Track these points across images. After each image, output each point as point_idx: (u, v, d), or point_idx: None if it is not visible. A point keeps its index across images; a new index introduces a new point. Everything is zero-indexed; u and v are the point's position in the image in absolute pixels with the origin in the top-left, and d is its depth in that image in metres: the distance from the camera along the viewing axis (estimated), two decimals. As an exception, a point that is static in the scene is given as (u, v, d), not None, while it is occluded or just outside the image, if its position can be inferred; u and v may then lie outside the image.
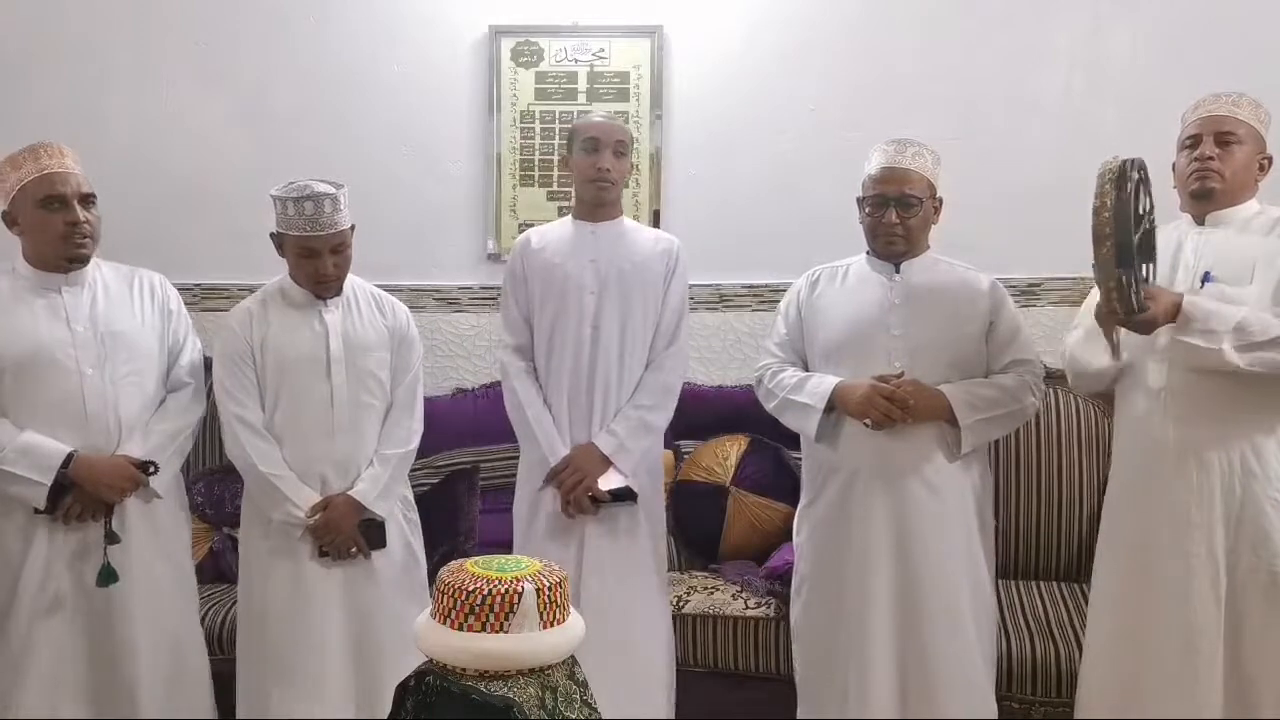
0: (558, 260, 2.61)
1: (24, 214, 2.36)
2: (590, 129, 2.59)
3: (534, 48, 3.49)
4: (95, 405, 2.37)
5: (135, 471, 2.38)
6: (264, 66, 3.54)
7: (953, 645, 2.39)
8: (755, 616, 2.86)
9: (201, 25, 3.54)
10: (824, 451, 2.49)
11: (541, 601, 1.57)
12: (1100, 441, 3.15)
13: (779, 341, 2.60)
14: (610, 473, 2.54)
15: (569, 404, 2.59)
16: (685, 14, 3.46)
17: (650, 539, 2.64)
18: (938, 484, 2.40)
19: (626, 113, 3.48)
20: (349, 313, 2.53)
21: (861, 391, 2.36)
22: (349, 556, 2.46)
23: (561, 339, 2.59)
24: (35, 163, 2.35)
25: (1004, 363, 2.46)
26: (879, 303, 2.47)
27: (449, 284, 3.54)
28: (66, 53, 3.55)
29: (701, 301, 3.52)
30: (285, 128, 3.54)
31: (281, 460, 2.46)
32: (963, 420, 2.36)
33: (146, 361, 2.47)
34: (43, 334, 2.36)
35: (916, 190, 2.42)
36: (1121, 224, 2.01)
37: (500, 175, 3.52)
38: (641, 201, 3.50)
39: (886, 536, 2.39)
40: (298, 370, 2.47)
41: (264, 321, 2.51)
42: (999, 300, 2.50)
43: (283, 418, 2.48)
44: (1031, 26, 3.38)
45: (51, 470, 2.30)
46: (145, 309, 2.50)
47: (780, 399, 2.52)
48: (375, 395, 2.53)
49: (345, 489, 2.47)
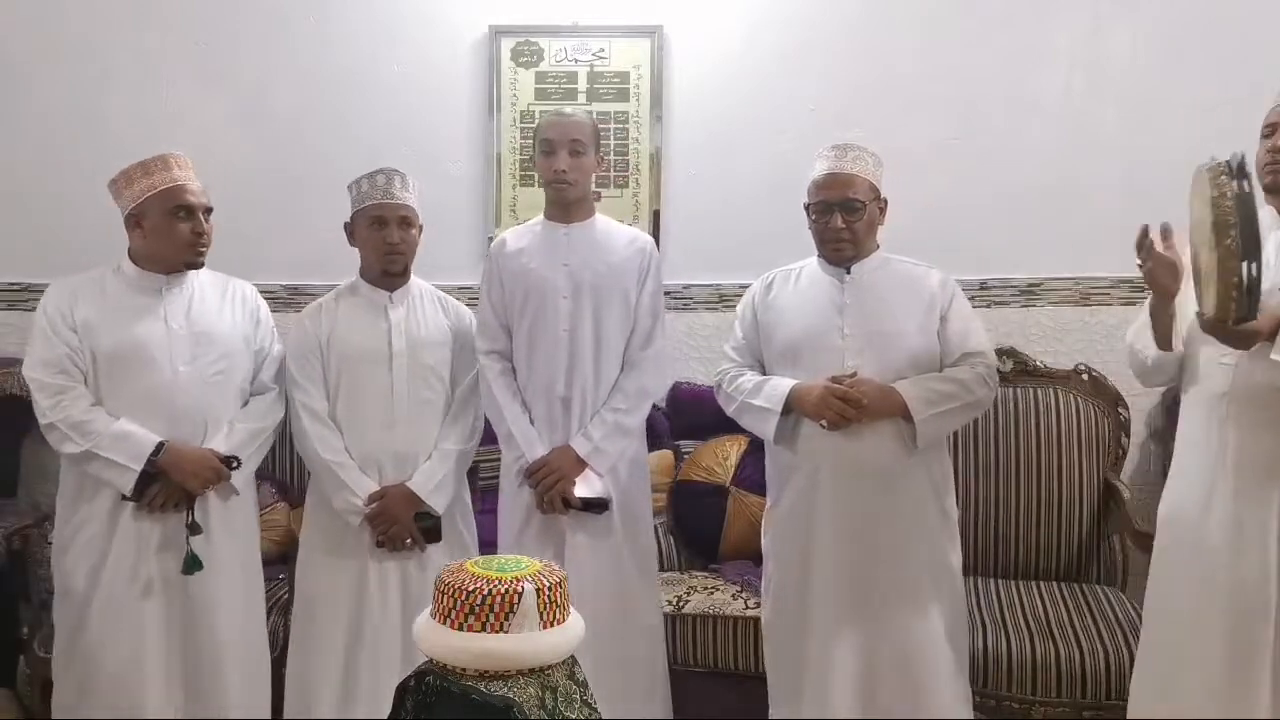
0: (532, 265, 2.62)
1: (151, 218, 2.47)
2: (545, 130, 2.60)
3: (534, 48, 3.49)
4: (184, 400, 2.47)
5: (219, 465, 2.47)
6: (264, 66, 3.54)
7: (919, 638, 2.41)
8: (755, 616, 2.85)
9: (201, 25, 3.54)
10: (784, 453, 2.52)
11: (541, 601, 1.57)
12: (1100, 441, 3.15)
13: (736, 345, 2.63)
14: (586, 474, 2.57)
15: (547, 407, 2.61)
16: (685, 14, 3.46)
17: (633, 538, 2.65)
18: (896, 480, 2.42)
19: (626, 112, 3.48)
20: (413, 310, 2.65)
21: (816, 393, 2.38)
22: (405, 548, 2.54)
23: (538, 343, 2.61)
24: (168, 172, 2.47)
25: (956, 356, 2.47)
26: (831, 304, 2.49)
27: (449, 284, 3.50)
28: (66, 53, 3.55)
29: (701, 301, 3.52)
30: (285, 128, 3.54)
31: (343, 449, 2.56)
32: (917, 416, 2.37)
33: (234, 362, 2.57)
34: (141, 331, 2.46)
35: (859, 194, 2.44)
36: (1246, 213, 1.87)
37: (500, 175, 3.52)
38: (641, 201, 3.50)
39: (847, 533, 2.42)
40: (360, 362, 2.59)
41: (333, 315, 2.63)
42: (950, 294, 2.51)
43: (344, 408, 2.59)
44: (1031, 26, 3.38)
45: (142, 457, 2.39)
46: (237, 314, 2.61)
47: (739, 403, 2.55)
48: (436, 391, 2.62)
49: (403, 481, 2.55)
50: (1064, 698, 2.61)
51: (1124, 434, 3.20)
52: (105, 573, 2.42)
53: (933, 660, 2.41)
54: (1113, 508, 3.08)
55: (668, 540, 3.19)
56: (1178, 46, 3.30)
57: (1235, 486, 2.11)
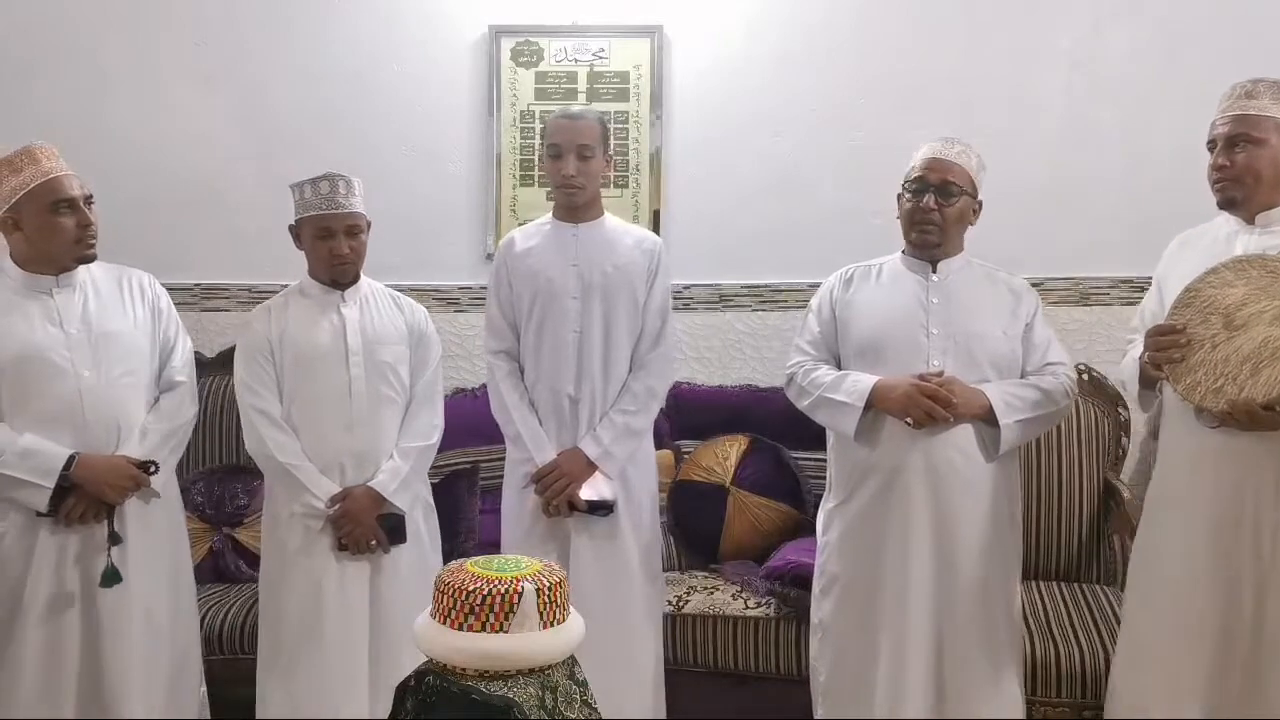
0: (541, 266, 2.61)
1: (30, 218, 2.35)
2: (554, 133, 2.57)
3: (534, 48, 3.49)
4: (93, 407, 2.37)
5: (136, 472, 2.38)
6: (264, 66, 3.54)
7: (985, 644, 2.40)
8: (755, 616, 2.86)
9: (201, 25, 3.54)
10: (860, 450, 2.45)
11: (541, 601, 1.57)
12: (1100, 441, 3.15)
13: (811, 339, 2.58)
14: (595, 477, 2.56)
15: (555, 408, 2.60)
16: (685, 14, 3.46)
17: (637, 539, 2.64)
18: (976, 484, 2.39)
19: (627, 112, 3.48)
20: (366, 308, 2.59)
21: (903, 389, 2.35)
22: (369, 550, 2.49)
23: (546, 343, 2.60)
24: (37, 166, 2.34)
25: (1038, 364, 2.46)
26: (916, 301, 2.46)
27: (449, 284, 3.53)
28: (66, 53, 3.54)
29: (701, 301, 3.52)
30: (285, 128, 3.54)
31: (300, 451, 2.50)
32: (1003, 420, 2.35)
33: (140, 361, 2.47)
34: (37, 337, 2.35)
35: (958, 181, 2.42)
36: None
37: (500, 175, 3.52)
38: (641, 201, 3.50)
39: (927, 536, 2.38)
40: (315, 362, 2.52)
41: (283, 316, 2.56)
42: (1035, 303, 2.51)
43: (300, 410, 2.52)
44: (1031, 26, 3.38)
45: (54, 474, 2.30)
46: (136, 309, 2.50)
47: (815, 396, 2.48)
48: (394, 389, 2.57)
49: (365, 481, 2.50)
50: (1064, 698, 2.61)
51: (1124, 434, 3.20)
52: (29, 588, 2.33)
53: (993, 663, 2.40)
54: (1113, 508, 3.08)
55: (668, 540, 3.18)
56: (1178, 46, 3.30)
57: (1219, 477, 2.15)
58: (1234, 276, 2.09)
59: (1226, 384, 2.07)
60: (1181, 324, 2.12)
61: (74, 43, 3.55)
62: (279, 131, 3.54)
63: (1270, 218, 2.19)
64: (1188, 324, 2.11)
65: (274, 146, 3.54)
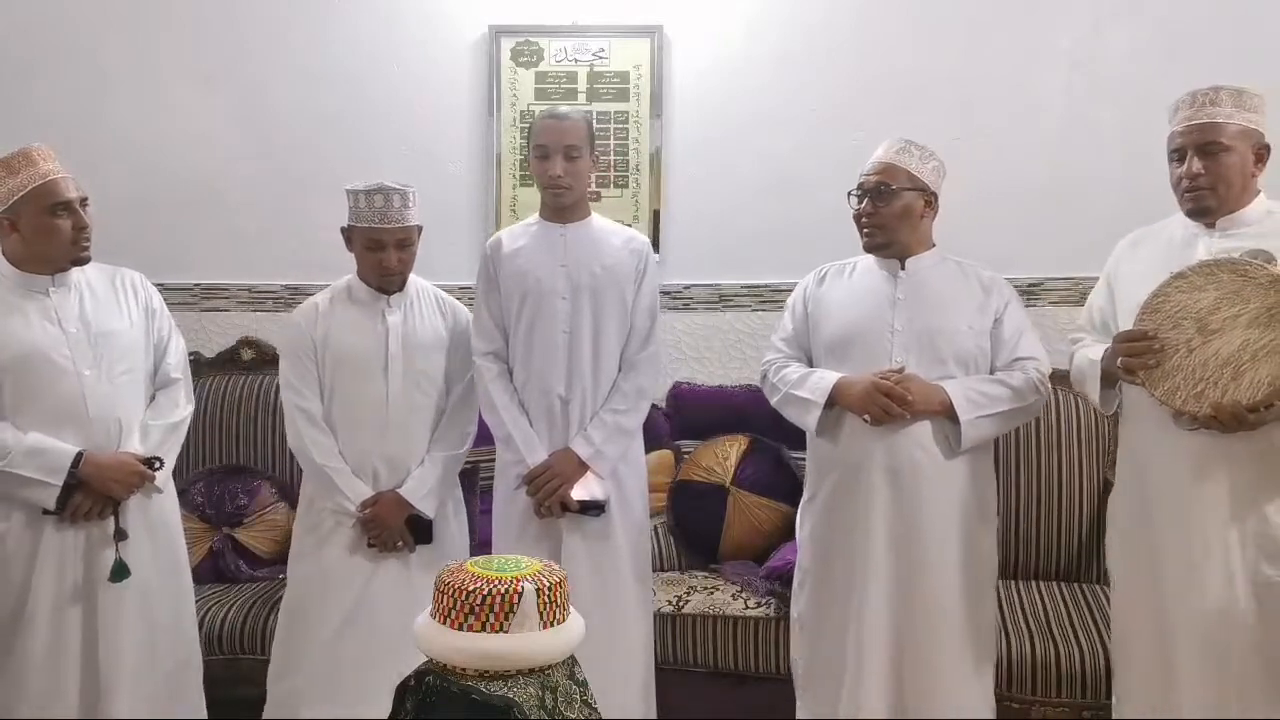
0: (529, 266, 2.62)
1: (28, 219, 2.36)
2: (540, 134, 2.58)
3: (534, 48, 3.49)
4: (96, 405, 2.40)
5: (141, 468, 2.42)
6: (264, 66, 3.55)
7: (949, 641, 2.39)
8: (755, 616, 2.86)
9: (201, 25, 3.54)
10: (825, 446, 2.50)
11: (541, 601, 1.57)
12: (1100, 441, 3.15)
13: (784, 337, 2.62)
14: (587, 477, 2.56)
15: (545, 408, 2.60)
16: (685, 14, 3.46)
17: (628, 539, 2.64)
18: (937, 480, 2.40)
19: (626, 112, 3.48)
20: (410, 313, 2.64)
21: (861, 387, 2.37)
22: (395, 549, 2.56)
23: (536, 344, 2.60)
24: (34, 168, 2.35)
25: (1008, 359, 2.46)
26: (883, 298, 2.48)
27: (449, 284, 3.50)
28: (66, 53, 3.55)
29: (701, 301, 3.52)
30: (285, 128, 3.54)
31: (336, 452, 2.57)
32: (963, 417, 2.36)
33: (137, 359, 2.50)
34: (37, 336, 2.37)
35: (891, 180, 2.43)
36: None
37: (500, 175, 3.52)
38: (641, 201, 3.50)
39: (885, 531, 2.39)
40: (355, 367, 2.58)
41: (329, 317, 2.62)
42: (1006, 298, 2.50)
43: (338, 411, 2.59)
44: (1031, 26, 3.38)
45: (62, 471, 2.32)
46: (130, 308, 2.53)
47: (783, 394, 2.53)
48: (429, 396, 2.62)
49: (396, 485, 2.56)
50: (1064, 698, 2.61)
51: (1124, 434, 3.20)
52: (35, 585, 2.35)
53: (959, 661, 2.40)
54: (1112, 508, 3.08)
55: (668, 540, 3.19)
56: (1178, 46, 3.30)
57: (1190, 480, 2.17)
58: (1204, 281, 2.09)
59: (1207, 388, 2.07)
60: (1152, 330, 2.12)
61: (74, 43, 3.55)
62: (279, 131, 3.54)
63: (1231, 221, 2.21)
64: (1158, 329, 2.12)
65: (274, 146, 3.54)
